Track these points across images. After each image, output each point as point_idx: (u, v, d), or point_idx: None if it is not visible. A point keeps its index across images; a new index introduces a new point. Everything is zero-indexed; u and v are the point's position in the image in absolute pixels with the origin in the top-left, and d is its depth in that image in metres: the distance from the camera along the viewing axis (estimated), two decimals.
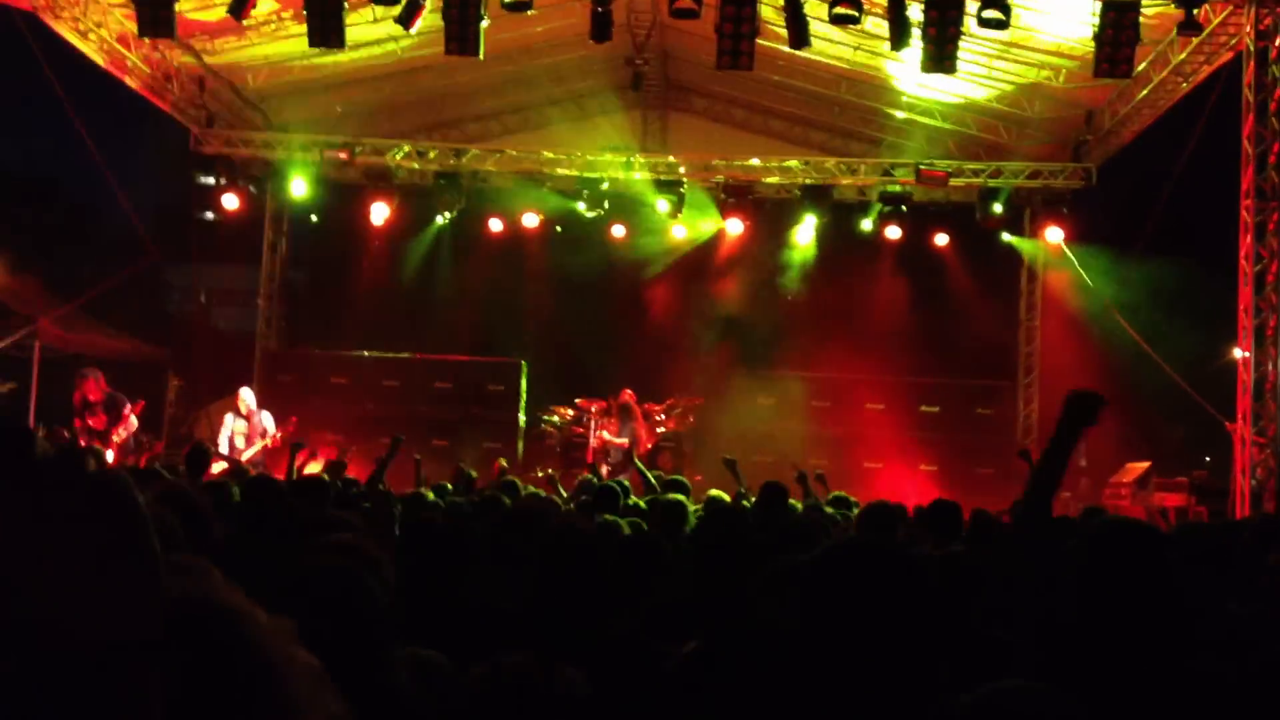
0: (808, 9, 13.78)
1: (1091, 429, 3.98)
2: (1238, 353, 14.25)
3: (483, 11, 13.73)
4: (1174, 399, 16.84)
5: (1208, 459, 16.30)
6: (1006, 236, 20.50)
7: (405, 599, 3.84)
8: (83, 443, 14.33)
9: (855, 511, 8.24)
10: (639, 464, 12.09)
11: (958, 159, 19.72)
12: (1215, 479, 15.27)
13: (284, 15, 15.87)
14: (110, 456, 14.19)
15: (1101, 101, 17.74)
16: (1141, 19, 13.21)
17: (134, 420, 14.81)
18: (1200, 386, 16.13)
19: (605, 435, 18.53)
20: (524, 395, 21.05)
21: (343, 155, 19.58)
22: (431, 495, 8.72)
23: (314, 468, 11.98)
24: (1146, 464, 17.00)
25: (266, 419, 15.36)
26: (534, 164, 20.21)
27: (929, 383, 20.50)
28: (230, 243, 21.43)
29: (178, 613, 1.62)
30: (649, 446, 18.29)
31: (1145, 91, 16.46)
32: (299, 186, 20.02)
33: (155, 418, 20.32)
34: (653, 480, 10.87)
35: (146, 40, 15.95)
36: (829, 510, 8.35)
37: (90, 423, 14.52)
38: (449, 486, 10.36)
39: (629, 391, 19.39)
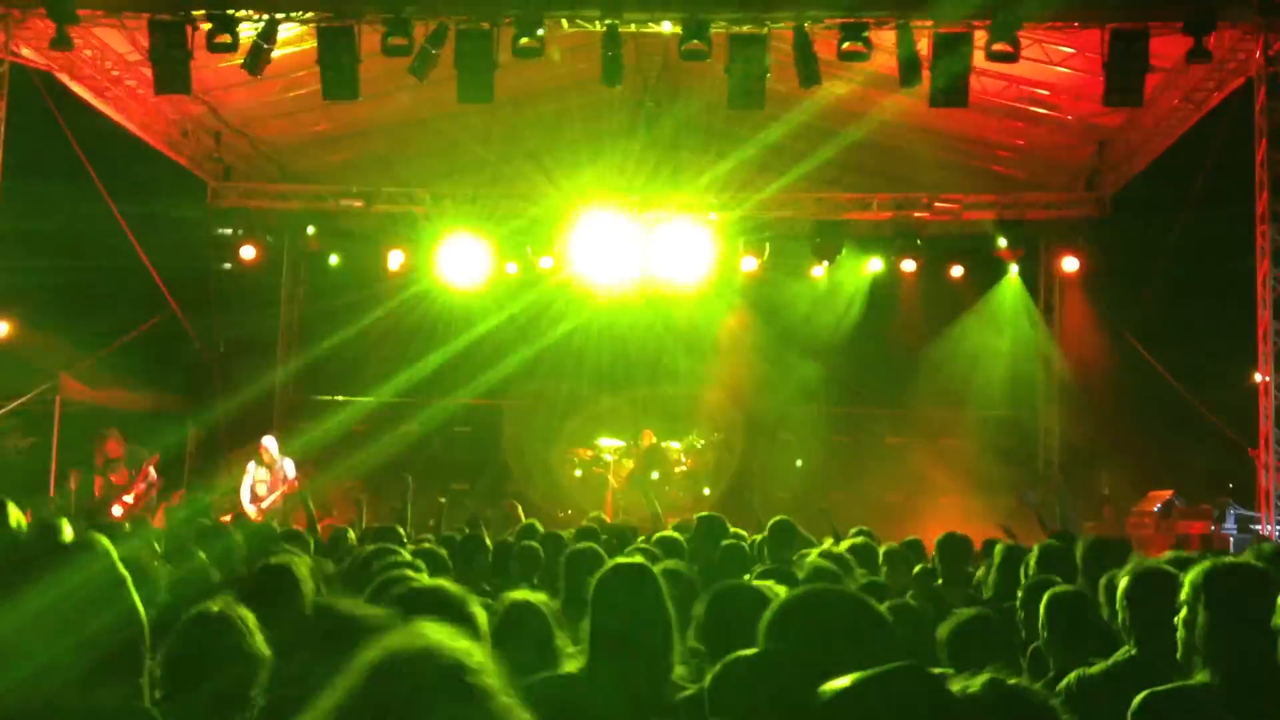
0: (817, 47, 13.86)
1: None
2: (1258, 377, 14.19)
3: (495, 58, 13.84)
4: (1195, 425, 16.75)
5: (1230, 485, 16.17)
6: (1014, 271, 20.56)
7: None
8: (106, 500, 14.50)
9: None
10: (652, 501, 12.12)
11: (971, 191, 19.75)
12: (1239, 505, 15.16)
13: (299, 68, 16.02)
14: (122, 511, 14.32)
15: (1113, 130, 17.75)
16: (1150, 46, 13.27)
17: (154, 473, 14.92)
18: (1221, 412, 16.04)
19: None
20: (542, 437, 21.04)
21: (358, 204, 19.73)
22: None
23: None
24: (1169, 492, 16.90)
25: (288, 466, 15.44)
26: (548, 206, 20.28)
27: (949, 415, 20.43)
28: (248, 293, 21.58)
29: None
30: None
31: (1157, 120, 16.48)
32: (315, 236, 20.16)
33: (176, 468, 20.38)
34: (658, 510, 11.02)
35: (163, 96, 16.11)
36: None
37: (114, 479, 14.66)
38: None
39: (649, 432, 19.47)
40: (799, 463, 20.35)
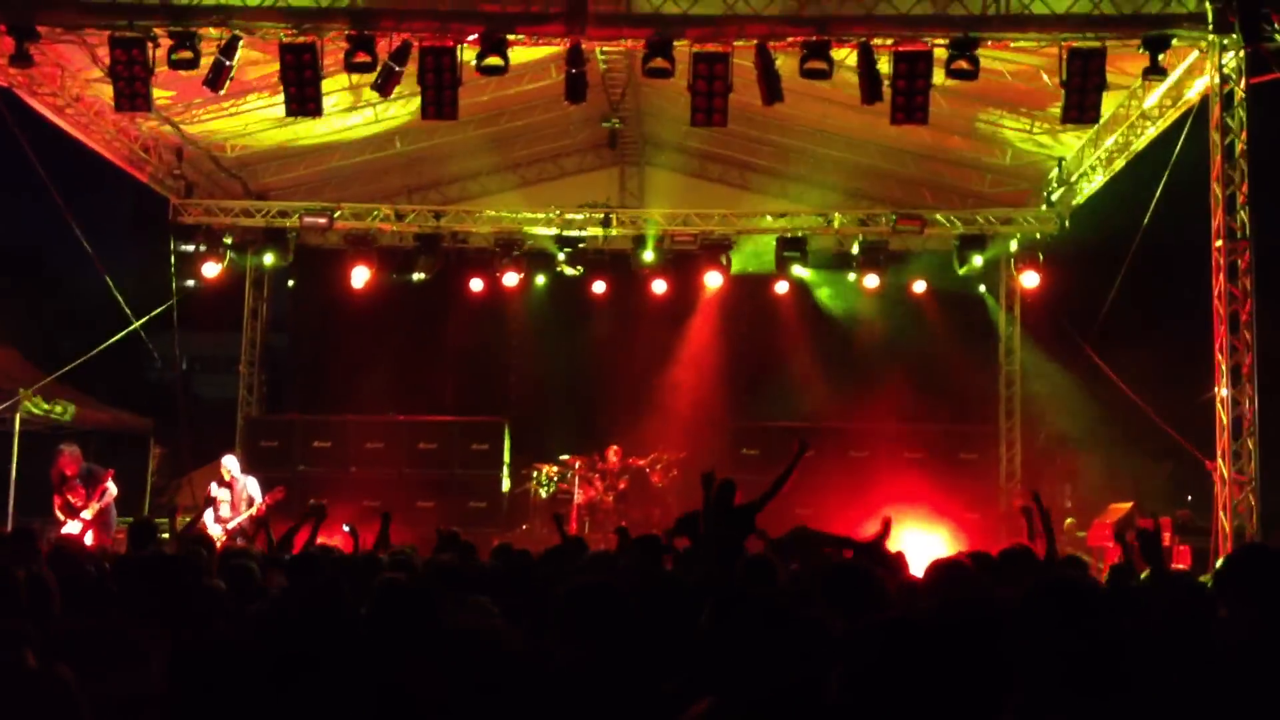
0: (779, 65, 13.94)
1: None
2: (1216, 391, 14.31)
3: (458, 75, 13.85)
4: (1155, 438, 16.90)
5: (1190, 498, 16.31)
6: (982, 289, 20.76)
7: None
8: (63, 518, 14.33)
9: None
10: None
11: (933, 207, 19.90)
12: (1198, 517, 15.29)
13: (261, 84, 15.98)
14: (90, 535, 14.16)
15: (1072, 147, 17.94)
16: (1107, 64, 13.44)
17: (112, 489, 14.76)
18: (1180, 425, 16.19)
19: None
20: (508, 454, 21.00)
21: (322, 221, 19.68)
22: None
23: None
24: (1129, 504, 17.06)
25: (253, 486, 15.27)
26: (513, 224, 20.31)
27: (912, 429, 20.50)
28: (211, 310, 21.48)
29: None
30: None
31: (1114, 136, 16.69)
32: (278, 253, 20.11)
33: (138, 487, 20.22)
34: None
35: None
36: None
37: (70, 498, 14.49)
38: None
39: (615, 449, 19.48)
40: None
